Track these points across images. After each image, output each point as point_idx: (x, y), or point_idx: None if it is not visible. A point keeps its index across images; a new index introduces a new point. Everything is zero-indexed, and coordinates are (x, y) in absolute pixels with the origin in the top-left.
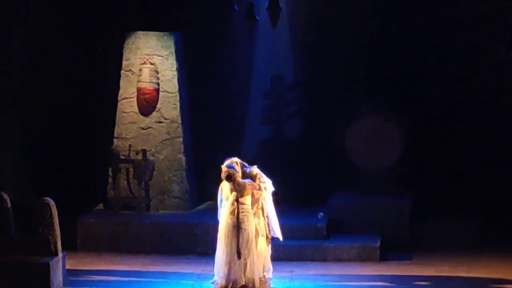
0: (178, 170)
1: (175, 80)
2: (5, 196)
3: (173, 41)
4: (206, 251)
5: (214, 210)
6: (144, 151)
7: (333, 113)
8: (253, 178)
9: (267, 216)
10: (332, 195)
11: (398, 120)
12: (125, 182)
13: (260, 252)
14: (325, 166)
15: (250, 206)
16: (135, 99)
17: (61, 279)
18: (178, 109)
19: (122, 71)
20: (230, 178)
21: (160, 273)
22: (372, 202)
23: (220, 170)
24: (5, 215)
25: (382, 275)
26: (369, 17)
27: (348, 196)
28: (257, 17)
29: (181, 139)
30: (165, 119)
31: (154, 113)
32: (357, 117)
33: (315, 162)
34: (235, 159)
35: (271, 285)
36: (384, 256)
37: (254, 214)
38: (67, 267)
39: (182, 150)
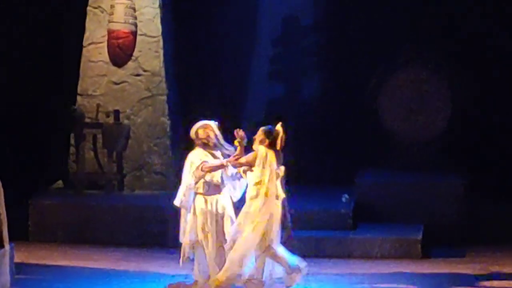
0: (160, 137)
1: (158, 21)
2: None
3: None
4: None
5: None
6: (116, 113)
7: (363, 65)
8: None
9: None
10: (360, 172)
11: (448, 74)
12: (92, 153)
13: None
14: (352, 134)
15: None
16: (105, 44)
17: (8, 277)
18: (161, 59)
19: (88, 8)
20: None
21: (135, 272)
22: (413, 182)
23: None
24: None
25: (425, 276)
26: None
27: (381, 174)
28: None
29: (164, 97)
30: (145, 71)
31: (130, 63)
32: (394, 70)
33: (339, 129)
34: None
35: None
36: (428, 251)
37: None
38: (16, 261)
39: (166, 111)
